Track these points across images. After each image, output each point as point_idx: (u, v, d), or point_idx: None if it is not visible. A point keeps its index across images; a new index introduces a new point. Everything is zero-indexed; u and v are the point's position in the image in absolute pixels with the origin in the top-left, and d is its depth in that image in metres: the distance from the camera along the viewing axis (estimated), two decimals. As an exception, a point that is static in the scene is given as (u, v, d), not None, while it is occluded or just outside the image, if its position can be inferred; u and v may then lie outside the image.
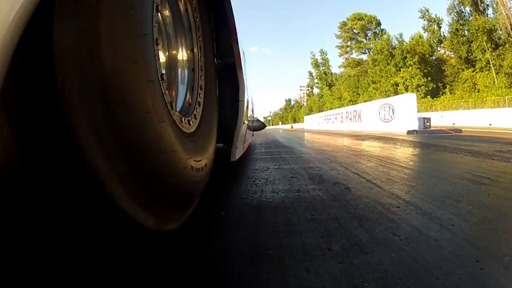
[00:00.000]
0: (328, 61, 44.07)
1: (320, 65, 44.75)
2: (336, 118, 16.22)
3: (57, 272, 0.56)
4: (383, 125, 9.98)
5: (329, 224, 0.84)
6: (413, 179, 1.51)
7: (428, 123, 7.74)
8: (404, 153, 2.80)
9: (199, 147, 0.81)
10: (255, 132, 4.50)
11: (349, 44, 39.60)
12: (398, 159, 2.34)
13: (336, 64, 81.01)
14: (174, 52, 0.94)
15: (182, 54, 0.96)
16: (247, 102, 1.89)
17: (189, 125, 0.81)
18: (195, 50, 0.98)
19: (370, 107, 11.60)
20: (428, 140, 4.59)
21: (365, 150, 3.12)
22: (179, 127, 0.69)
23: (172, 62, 0.94)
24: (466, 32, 25.04)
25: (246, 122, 1.85)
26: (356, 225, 0.84)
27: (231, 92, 1.22)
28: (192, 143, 0.77)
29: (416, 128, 7.56)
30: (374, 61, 31.63)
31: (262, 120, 5.98)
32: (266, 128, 6.64)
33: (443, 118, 15.70)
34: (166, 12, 0.89)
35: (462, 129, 7.71)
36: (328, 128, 16.66)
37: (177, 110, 0.73)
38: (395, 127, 9.01)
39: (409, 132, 6.99)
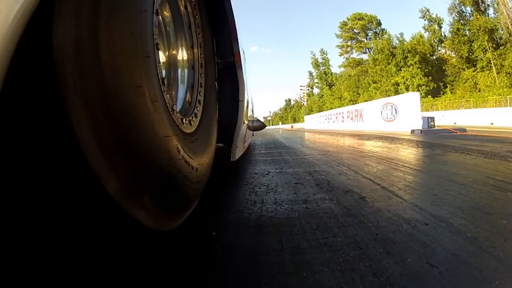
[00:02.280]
0: (328, 61, 43.93)
1: (320, 64, 44.56)
2: (337, 118, 16.05)
3: (57, 272, 0.55)
4: (386, 125, 9.83)
5: (348, 251, 0.66)
6: (433, 185, 1.34)
7: (432, 123, 7.60)
8: (415, 155, 2.63)
9: (199, 146, 0.81)
10: (255, 132, 4.36)
11: (349, 43, 39.45)
12: (410, 161, 2.17)
13: (336, 64, 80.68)
14: (174, 52, 0.93)
15: (182, 54, 0.94)
16: (247, 102, 1.85)
17: (190, 125, 0.80)
18: (195, 48, 0.96)
19: (372, 106, 11.45)
20: (434, 139, 4.43)
21: (372, 151, 2.94)
22: (179, 127, 0.68)
23: (172, 61, 0.92)
24: (467, 31, 25.00)
25: (246, 122, 1.79)
26: (381, 251, 0.66)
27: (231, 91, 1.19)
28: (192, 143, 0.76)
29: (420, 127, 7.40)
30: (375, 61, 31.51)
31: (262, 120, 5.91)
32: (266, 128, 6.53)
33: (444, 117, 15.53)
34: (166, 12, 0.88)
35: (465, 128, 7.55)
36: (329, 127, 16.50)
37: (177, 111, 0.72)
38: (398, 126, 8.86)
39: (413, 132, 6.83)
